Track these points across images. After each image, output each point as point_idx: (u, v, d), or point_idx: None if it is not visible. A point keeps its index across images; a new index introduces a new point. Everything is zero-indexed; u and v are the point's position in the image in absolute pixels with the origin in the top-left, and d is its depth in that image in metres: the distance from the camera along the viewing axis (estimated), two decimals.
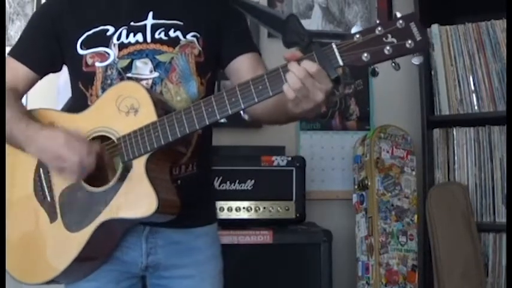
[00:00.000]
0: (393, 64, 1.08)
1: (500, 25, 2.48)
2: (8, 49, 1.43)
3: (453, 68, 2.55)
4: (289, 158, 2.30)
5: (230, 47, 1.42)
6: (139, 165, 1.21)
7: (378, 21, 1.08)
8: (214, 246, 1.45)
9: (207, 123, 1.18)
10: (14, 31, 2.52)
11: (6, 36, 2.48)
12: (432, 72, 2.60)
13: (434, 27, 2.58)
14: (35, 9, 2.51)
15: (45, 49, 1.38)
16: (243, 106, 1.14)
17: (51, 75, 1.44)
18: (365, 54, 1.06)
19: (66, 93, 1.54)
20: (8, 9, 2.53)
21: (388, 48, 1.05)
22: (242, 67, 1.40)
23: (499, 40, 2.48)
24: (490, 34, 2.50)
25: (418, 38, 1.05)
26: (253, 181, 2.26)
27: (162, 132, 1.19)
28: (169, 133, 1.19)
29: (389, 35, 1.05)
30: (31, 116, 1.32)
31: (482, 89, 2.51)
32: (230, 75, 1.44)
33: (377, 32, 1.06)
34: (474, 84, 2.52)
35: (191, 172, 1.37)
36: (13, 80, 1.35)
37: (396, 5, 2.83)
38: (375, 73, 1.09)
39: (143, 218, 1.20)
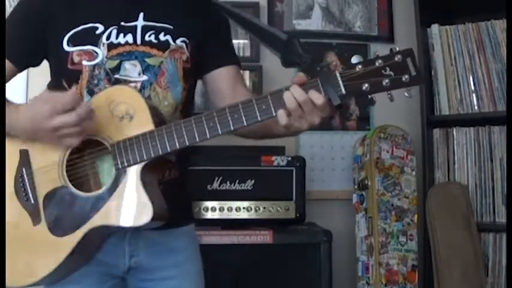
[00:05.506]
0: (389, 95, 1.14)
1: (500, 25, 2.48)
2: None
3: (453, 68, 2.55)
4: (289, 158, 2.30)
5: (213, 57, 1.41)
6: (133, 172, 1.18)
7: (378, 54, 1.13)
8: (193, 245, 1.45)
9: (208, 137, 1.17)
10: None
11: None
12: (432, 72, 2.60)
13: (434, 27, 2.58)
14: None
15: (28, 41, 1.32)
16: (245, 123, 1.16)
17: None
18: (365, 85, 1.11)
19: None
20: (8, 8, 2.53)
21: (386, 80, 1.11)
22: (221, 79, 1.41)
23: (499, 40, 2.48)
24: (490, 34, 2.50)
25: (413, 73, 1.11)
26: (253, 181, 2.26)
27: (160, 142, 1.17)
28: (167, 144, 1.18)
29: (387, 68, 1.11)
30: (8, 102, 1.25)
31: (482, 89, 2.51)
32: (207, 84, 1.43)
33: (377, 64, 1.12)
34: (474, 84, 2.52)
35: (173, 177, 1.36)
36: None
37: (396, 5, 2.83)
38: (372, 102, 1.15)
39: (137, 226, 1.18)
